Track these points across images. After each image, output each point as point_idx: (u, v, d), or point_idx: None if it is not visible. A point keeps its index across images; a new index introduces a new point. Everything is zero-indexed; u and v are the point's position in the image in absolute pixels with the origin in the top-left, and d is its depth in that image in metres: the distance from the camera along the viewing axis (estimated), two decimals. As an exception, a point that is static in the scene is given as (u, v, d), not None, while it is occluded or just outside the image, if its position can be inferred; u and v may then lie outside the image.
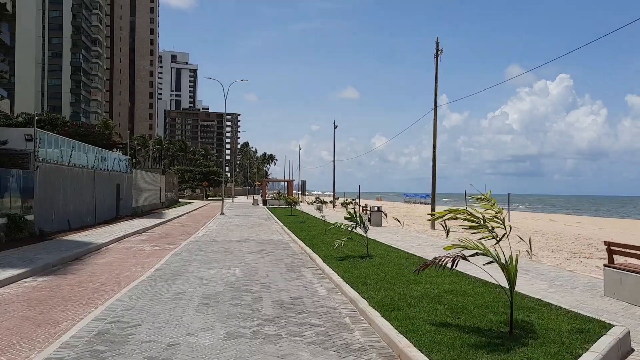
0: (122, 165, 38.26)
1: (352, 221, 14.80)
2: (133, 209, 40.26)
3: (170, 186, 64.31)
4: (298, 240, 19.38)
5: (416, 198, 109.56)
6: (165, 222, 33.25)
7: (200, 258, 15.28)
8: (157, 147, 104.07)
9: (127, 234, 23.69)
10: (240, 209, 51.68)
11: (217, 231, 25.56)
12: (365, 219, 15.56)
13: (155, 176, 52.46)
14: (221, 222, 32.21)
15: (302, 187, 70.47)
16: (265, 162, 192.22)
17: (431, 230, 32.21)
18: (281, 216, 35.90)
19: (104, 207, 31.91)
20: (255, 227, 27.55)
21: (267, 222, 32.28)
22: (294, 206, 35.66)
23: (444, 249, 7.89)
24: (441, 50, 36.65)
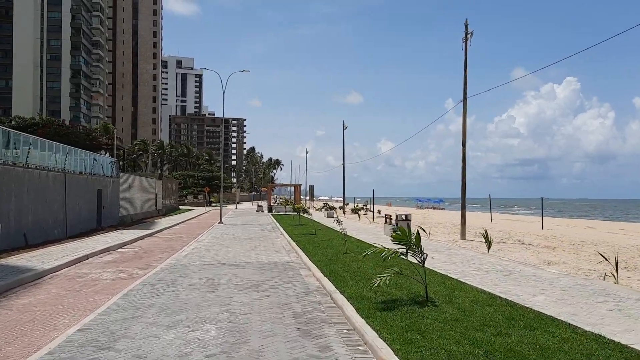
0: (107, 168, 33.00)
1: (403, 243, 9.29)
2: (120, 218, 34.96)
3: (169, 192, 59.05)
4: (311, 265, 13.90)
5: (429, 203, 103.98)
6: (152, 234, 27.89)
7: (164, 301, 9.83)
8: (158, 152, 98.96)
9: (94, 252, 18.36)
10: (243, 217, 46.27)
11: (208, 248, 20.14)
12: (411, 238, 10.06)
13: (149, 181, 47.19)
14: (217, 234, 26.80)
15: (309, 192, 65.01)
16: (272, 167, 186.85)
17: (462, 241, 26.95)
18: (288, 226, 30.48)
19: (78, 216, 26.60)
20: (255, 242, 22.09)
21: (271, 233, 26.83)
22: (302, 214, 30.22)
23: None
24: (471, 33, 31.34)
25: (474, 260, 16.11)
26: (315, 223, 32.72)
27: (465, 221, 30.65)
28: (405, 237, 9.06)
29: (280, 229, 28.94)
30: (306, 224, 31.30)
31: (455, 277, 11.86)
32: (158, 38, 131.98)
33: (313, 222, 33.26)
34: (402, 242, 9.13)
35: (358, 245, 19.02)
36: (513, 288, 10.93)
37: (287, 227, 29.79)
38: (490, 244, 21.00)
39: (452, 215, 70.54)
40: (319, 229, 27.65)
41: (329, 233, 25.09)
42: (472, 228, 38.98)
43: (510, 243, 26.81)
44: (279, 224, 32.84)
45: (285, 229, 27.92)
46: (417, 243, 9.04)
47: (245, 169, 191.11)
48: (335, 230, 27.52)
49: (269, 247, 19.71)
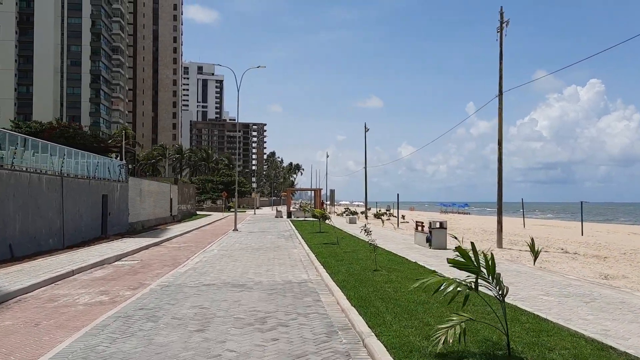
0: (114, 172, 30.62)
1: (468, 270, 6.23)
2: (130, 225, 32.55)
3: (185, 197, 56.75)
4: (335, 288, 10.99)
5: (453, 208, 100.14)
6: (160, 243, 25.31)
7: (130, 349, 6.98)
8: (176, 157, 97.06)
9: (83, 267, 15.76)
10: (260, 223, 43.57)
11: (215, 261, 17.39)
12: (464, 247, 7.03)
13: (163, 186, 44.83)
14: (228, 243, 24.07)
15: (330, 196, 62.12)
16: (292, 172, 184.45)
17: (499, 249, 23.99)
18: (307, 234, 27.62)
19: (79, 224, 24.14)
20: (269, 253, 19.25)
21: (288, 242, 23.98)
22: (323, 220, 27.33)
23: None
24: (506, 21, 28.34)
25: (530, 278, 13.06)
26: (337, 230, 29.83)
27: (502, 227, 27.49)
28: (471, 263, 6.07)
29: (298, 237, 26.09)
30: (327, 232, 28.41)
31: (527, 310, 8.81)
32: (178, 43, 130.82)
33: (334, 229, 30.37)
34: (467, 269, 6.16)
35: (389, 259, 16.06)
36: (611, 326, 7.90)
37: (307, 235, 26.93)
38: (537, 254, 17.91)
39: (480, 221, 66.87)
40: (342, 237, 24.73)
41: (353, 242, 22.15)
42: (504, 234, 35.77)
43: (553, 252, 23.65)
44: (297, 232, 30.01)
45: (304, 238, 25.07)
46: (491, 270, 6.05)
47: (265, 174, 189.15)
48: (359, 238, 24.60)
49: (285, 261, 16.84)
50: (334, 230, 29.90)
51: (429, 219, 70.55)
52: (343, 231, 29.58)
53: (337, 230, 30.11)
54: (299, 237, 25.96)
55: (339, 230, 29.53)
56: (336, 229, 30.31)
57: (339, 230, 29.53)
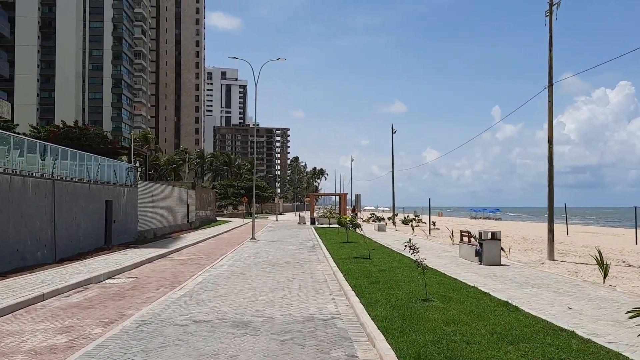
0: (121, 175, 27.88)
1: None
2: (139, 233, 29.77)
3: (204, 203, 54.08)
4: (374, 331, 7.66)
5: (484, 213, 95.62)
6: (167, 255, 22.36)
7: None
8: (198, 161, 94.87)
9: (59, 289, 12.85)
10: (281, 231, 40.44)
11: (221, 280, 14.25)
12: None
13: (179, 191, 42.13)
14: (242, 256, 20.93)
15: (356, 201, 58.69)
16: (315, 176, 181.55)
17: (551, 262, 20.60)
18: (333, 244, 24.33)
19: (76, 234, 21.33)
20: (288, 270, 16.00)
21: (310, 255, 20.72)
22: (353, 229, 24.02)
23: None
24: (557, 3, 24.76)
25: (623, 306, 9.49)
26: (368, 241, 26.49)
27: (553, 237, 23.82)
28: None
29: (322, 248, 22.83)
30: (355, 242, 25.09)
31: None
32: (201, 47, 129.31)
33: (363, 238, 27.04)
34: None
35: (438, 281, 12.69)
36: None
37: (332, 245, 23.64)
38: (607, 269, 14.38)
39: (516, 227, 62.58)
40: (373, 248, 21.37)
41: (387, 256, 18.77)
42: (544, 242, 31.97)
43: (614, 265, 19.98)
44: (321, 241, 26.75)
45: (330, 249, 21.79)
46: None
47: (289, 179, 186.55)
48: (394, 251, 21.21)
49: (306, 282, 13.56)
50: (362, 239, 26.56)
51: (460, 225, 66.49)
52: (373, 241, 26.20)
53: (368, 241, 26.76)
54: (323, 248, 22.69)
55: (369, 241, 26.16)
56: (366, 240, 26.96)
57: (369, 241, 26.16)
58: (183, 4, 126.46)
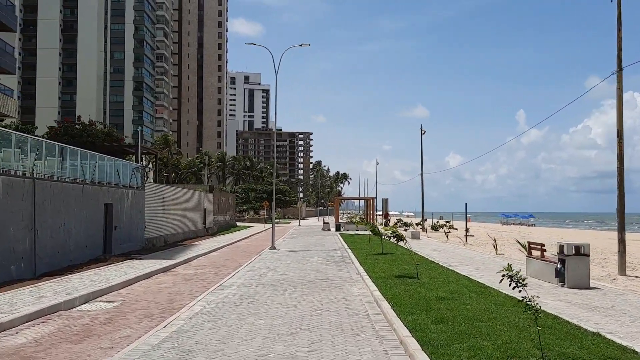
0: (124, 175, 24.60)
1: None
2: (146, 240, 26.44)
3: (223, 207, 50.79)
4: None
5: (516, 219, 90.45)
6: (170, 268, 18.89)
7: None
8: (219, 164, 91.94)
9: (4, 324, 9.35)
10: (304, 238, 36.76)
11: (225, 310, 10.61)
12: None
13: (195, 194, 38.83)
14: (258, 271, 17.27)
15: (384, 206, 54.67)
16: (339, 181, 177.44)
17: (622, 277, 16.89)
18: (365, 255, 20.53)
19: (65, 242, 17.99)
20: (314, 296, 12.22)
21: (340, 271, 16.91)
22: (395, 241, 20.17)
23: None
24: (631, -28, 20.24)
25: None
26: (402, 249, 22.66)
27: (625, 248, 19.71)
28: None
29: (354, 261, 19.05)
30: (391, 252, 21.27)
31: None
32: (223, 50, 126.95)
33: (398, 248, 23.20)
34: None
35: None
36: None
37: (365, 257, 19.85)
38: None
39: (557, 234, 57.67)
40: (416, 260, 17.49)
41: (438, 273, 14.90)
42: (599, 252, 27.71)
43: None
44: (350, 251, 22.98)
45: (363, 262, 17.99)
46: None
47: (311, 184, 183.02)
48: (441, 265, 17.30)
49: (340, 316, 9.78)
50: (397, 249, 22.69)
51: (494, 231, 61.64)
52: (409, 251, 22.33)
53: (402, 248, 22.89)
54: (355, 261, 18.90)
55: (405, 250, 22.29)
56: (400, 247, 23.10)
57: (405, 250, 22.29)
58: (205, 7, 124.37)
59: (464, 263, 18.92)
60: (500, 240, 43.80)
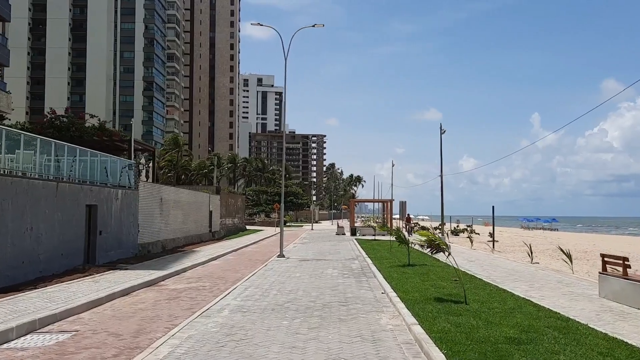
0: (114, 174, 21.64)
1: None
2: (140, 246, 23.44)
3: (232, 210, 47.83)
4: None
5: (537, 223, 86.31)
6: (157, 282, 15.83)
7: None
8: (229, 166, 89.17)
9: None
10: (317, 243, 33.55)
11: (203, 357, 7.33)
12: None
13: (199, 196, 35.89)
14: (260, 287, 14.04)
15: (402, 209, 51.24)
16: (352, 184, 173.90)
17: None
18: (389, 268, 17.24)
19: (33, 251, 14.99)
20: (328, 329, 8.95)
21: (361, 290, 13.57)
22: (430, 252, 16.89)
23: None
24: None
25: None
26: (431, 259, 19.36)
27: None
28: None
29: (376, 274, 15.78)
30: (421, 263, 17.99)
31: None
32: (235, 51, 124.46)
33: (425, 257, 19.91)
34: None
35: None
36: None
37: (389, 270, 16.58)
38: None
39: (588, 240, 53.80)
40: (452, 276, 14.24)
41: (489, 295, 11.58)
42: None
43: None
44: (370, 261, 19.72)
45: (389, 277, 14.71)
46: None
47: (325, 186, 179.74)
48: (484, 281, 13.94)
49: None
50: (425, 259, 19.37)
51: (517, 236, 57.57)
52: (440, 261, 19.03)
53: (430, 259, 19.58)
54: (377, 274, 15.63)
55: (433, 260, 18.97)
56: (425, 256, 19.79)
57: (433, 260, 18.97)
58: (218, 7, 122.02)
59: (510, 277, 15.57)
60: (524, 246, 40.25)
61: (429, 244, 10.72)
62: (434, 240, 10.60)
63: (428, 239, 10.67)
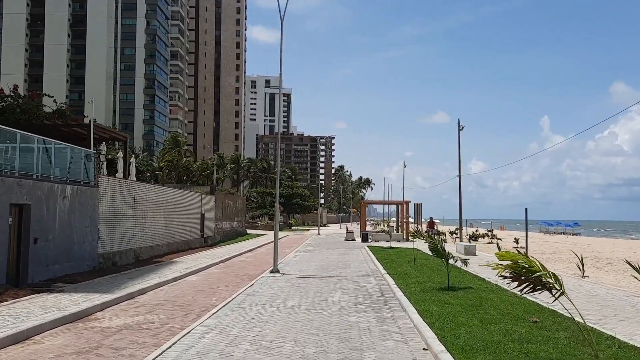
0: (63, 165, 16.80)
1: None
2: (101, 257, 18.54)
3: (230, 212, 42.89)
4: None
5: (557, 227, 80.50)
6: (89, 314, 10.89)
7: None
8: (232, 166, 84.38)
9: None
10: (322, 252, 28.43)
11: None
12: None
13: (188, 196, 30.98)
14: (227, 336, 8.95)
15: (416, 212, 46.05)
16: (361, 186, 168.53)
17: None
18: (422, 293, 12.12)
19: None
20: None
21: (386, 339, 8.48)
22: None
23: None
24: None
25: None
26: (472, 278, 14.26)
27: None
28: None
29: (406, 306, 10.64)
30: (462, 284, 12.94)
31: None
32: (241, 49, 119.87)
33: (462, 274, 14.82)
34: None
35: None
36: None
37: (421, 295, 11.50)
38: None
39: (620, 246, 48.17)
40: (518, 305, 9.19)
41: (607, 348, 6.44)
42: None
43: None
44: (391, 280, 14.62)
45: (426, 313, 9.60)
46: None
47: (333, 189, 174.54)
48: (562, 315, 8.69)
49: None
50: (461, 275, 14.27)
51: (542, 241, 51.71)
52: (488, 282, 13.91)
53: (471, 277, 14.45)
54: (407, 307, 10.46)
55: (476, 280, 13.86)
56: (468, 276, 14.68)
57: (476, 280, 13.86)
58: (223, 4, 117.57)
59: (602, 309, 10.48)
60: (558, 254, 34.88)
61: (520, 274, 5.60)
62: (530, 269, 5.49)
63: (516, 265, 5.55)
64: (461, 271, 15.48)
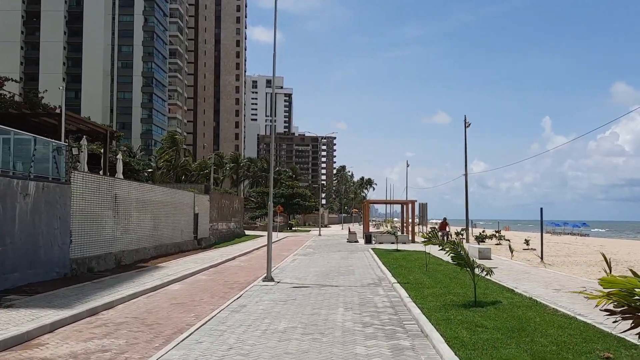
0: (25, 158, 14.65)
1: None
2: (74, 263, 16.36)
3: (227, 213, 40.72)
4: None
5: (565, 228, 78.16)
6: (33, 338, 8.57)
7: None
8: (231, 165, 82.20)
9: None
10: (323, 255, 26.16)
11: None
12: None
13: (180, 195, 28.83)
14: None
15: (422, 212, 43.87)
16: (363, 187, 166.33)
17: None
18: (444, 310, 9.90)
19: None
20: None
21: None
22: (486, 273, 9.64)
23: None
24: None
25: None
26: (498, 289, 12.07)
27: None
28: None
29: (427, 331, 8.40)
30: (489, 299, 10.71)
31: None
32: (242, 48, 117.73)
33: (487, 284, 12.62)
34: None
35: None
36: None
37: (444, 312, 9.30)
38: None
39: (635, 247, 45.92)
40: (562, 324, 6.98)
41: None
42: None
43: None
44: (404, 291, 12.40)
45: (453, 339, 7.39)
46: None
47: (334, 189, 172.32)
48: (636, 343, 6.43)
49: None
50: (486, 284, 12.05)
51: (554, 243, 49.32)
52: (520, 294, 11.69)
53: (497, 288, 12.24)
54: (430, 332, 8.23)
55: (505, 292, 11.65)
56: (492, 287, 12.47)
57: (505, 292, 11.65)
58: (223, 2, 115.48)
59: None
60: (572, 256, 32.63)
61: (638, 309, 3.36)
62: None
63: (631, 297, 3.29)
64: (483, 279, 13.25)
